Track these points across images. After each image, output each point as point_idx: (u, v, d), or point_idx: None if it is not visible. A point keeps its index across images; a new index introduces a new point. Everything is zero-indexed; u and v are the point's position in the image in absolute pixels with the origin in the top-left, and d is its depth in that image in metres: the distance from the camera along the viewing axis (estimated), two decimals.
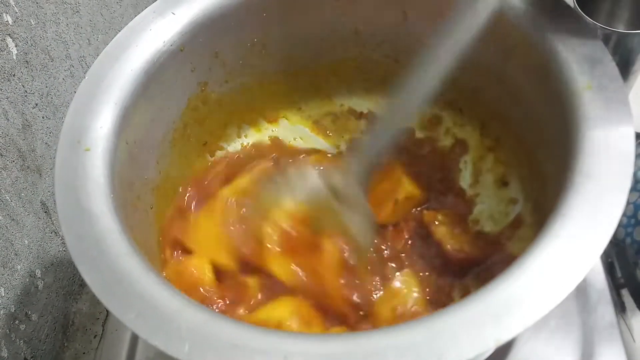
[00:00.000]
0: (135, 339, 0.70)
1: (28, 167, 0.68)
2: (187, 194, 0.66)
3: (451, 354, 0.38)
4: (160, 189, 0.62)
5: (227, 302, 0.59)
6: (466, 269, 0.61)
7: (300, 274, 0.59)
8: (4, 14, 0.64)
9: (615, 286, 0.68)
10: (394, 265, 0.64)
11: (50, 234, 0.73)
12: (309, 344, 0.40)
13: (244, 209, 0.63)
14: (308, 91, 0.75)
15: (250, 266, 0.61)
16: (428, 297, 0.60)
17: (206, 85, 0.66)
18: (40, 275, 0.70)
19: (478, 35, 0.60)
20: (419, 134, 0.73)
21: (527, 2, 0.56)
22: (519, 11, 0.56)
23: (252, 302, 0.60)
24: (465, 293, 0.59)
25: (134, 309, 0.42)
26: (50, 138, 0.72)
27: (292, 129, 0.76)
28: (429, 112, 0.73)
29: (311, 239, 0.60)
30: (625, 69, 0.87)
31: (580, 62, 0.51)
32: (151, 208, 0.60)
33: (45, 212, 0.72)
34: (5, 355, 0.63)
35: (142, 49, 0.58)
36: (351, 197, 0.59)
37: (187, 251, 0.62)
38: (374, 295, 0.60)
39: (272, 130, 0.75)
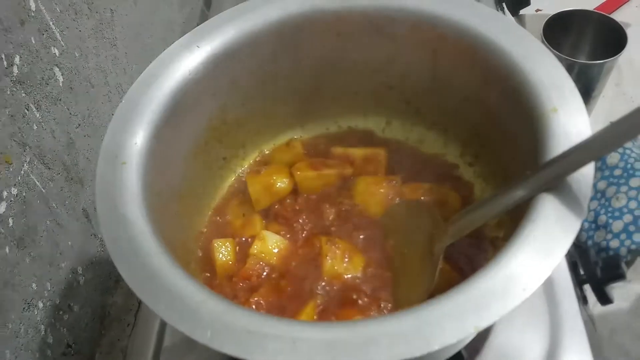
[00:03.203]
0: (163, 327, 0.70)
1: (72, 179, 0.69)
2: None
3: (437, 339, 0.38)
4: (185, 198, 0.63)
5: None
6: None
7: None
8: (52, 47, 0.64)
9: (578, 282, 0.68)
10: None
11: (90, 237, 0.73)
12: (315, 331, 0.40)
13: None
14: (314, 113, 0.75)
15: None
16: None
17: (225, 108, 0.66)
18: (81, 272, 0.71)
19: (462, 65, 0.61)
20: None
21: (503, 38, 0.56)
22: (496, 45, 0.56)
23: None
24: None
25: (163, 301, 0.42)
26: (91, 154, 0.73)
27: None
28: (416, 131, 0.73)
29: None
30: (586, 94, 0.88)
31: (548, 88, 0.51)
32: (177, 214, 0.60)
33: (86, 217, 0.72)
34: (51, 341, 0.63)
35: (171, 77, 0.58)
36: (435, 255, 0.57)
37: None
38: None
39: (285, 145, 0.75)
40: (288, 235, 0.65)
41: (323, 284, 0.61)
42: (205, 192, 0.69)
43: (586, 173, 0.45)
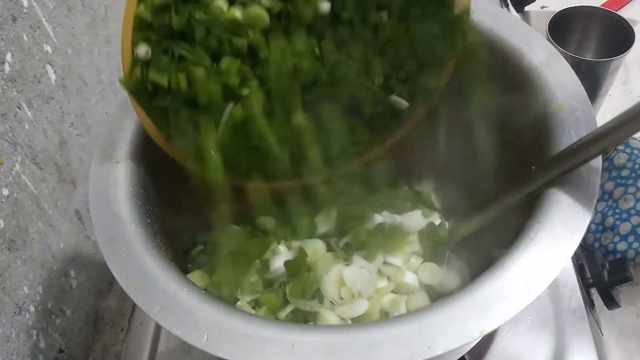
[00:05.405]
0: (158, 332, 0.70)
1: (64, 179, 0.68)
2: None
3: (439, 344, 0.38)
4: (181, 198, 0.62)
5: None
6: None
7: None
8: (45, 44, 0.64)
9: (584, 285, 0.68)
10: None
11: (83, 239, 0.73)
12: (314, 334, 0.40)
13: None
14: None
15: None
16: None
17: None
18: (74, 275, 0.71)
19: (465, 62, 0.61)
20: None
21: (507, 35, 0.56)
22: (501, 42, 0.56)
23: None
24: None
25: (158, 303, 0.42)
26: (84, 153, 0.73)
27: None
28: None
29: None
30: (593, 93, 0.87)
31: (553, 86, 0.51)
32: (173, 215, 0.60)
33: (79, 219, 0.72)
34: (43, 346, 0.63)
35: None
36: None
37: None
38: None
39: None
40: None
41: None
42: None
43: (593, 172, 0.45)
